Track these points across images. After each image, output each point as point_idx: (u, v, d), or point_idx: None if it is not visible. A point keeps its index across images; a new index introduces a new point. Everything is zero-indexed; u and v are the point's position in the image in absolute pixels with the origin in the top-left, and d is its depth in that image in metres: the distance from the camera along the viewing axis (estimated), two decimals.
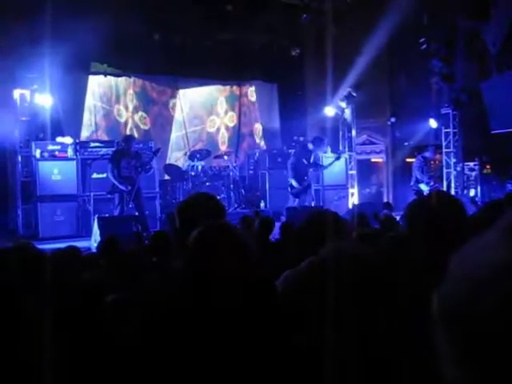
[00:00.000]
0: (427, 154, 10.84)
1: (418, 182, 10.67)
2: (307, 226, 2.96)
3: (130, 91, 12.88)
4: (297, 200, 9.91)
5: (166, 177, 11.85)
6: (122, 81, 12.71)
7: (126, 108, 12.82)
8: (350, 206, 11.40)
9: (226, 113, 14.24)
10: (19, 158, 10.08)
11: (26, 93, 10.12)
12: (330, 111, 13.07)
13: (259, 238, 4.72)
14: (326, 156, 11.63)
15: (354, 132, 13.40)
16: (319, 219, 2.95)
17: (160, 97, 13.34)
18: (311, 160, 10.09)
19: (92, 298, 2.45)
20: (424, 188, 10.55)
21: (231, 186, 11.94)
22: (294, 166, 9.88)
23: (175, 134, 13.49)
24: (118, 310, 2.25)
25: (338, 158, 10.96)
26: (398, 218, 6.32)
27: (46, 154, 9.99)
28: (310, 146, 10.13)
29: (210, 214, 2.36)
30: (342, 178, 12.54)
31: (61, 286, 2.29)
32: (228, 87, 14.21)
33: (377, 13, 11.52)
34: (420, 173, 10.57)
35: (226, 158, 12.61)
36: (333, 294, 1.15)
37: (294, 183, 9.88)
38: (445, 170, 12.61)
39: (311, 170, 10.16)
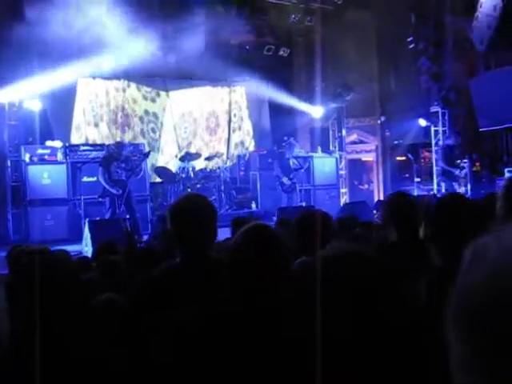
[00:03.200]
0: (450, 141, 10.86)
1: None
2: (299, 226, 2.97)
3: (120, 93, 12.82)
4: (287, 196, 10.73)
5: (157, 179, 11.81)
6: (111, 83, 12.65)
7: (116, 110, 12.76)
8: (341, 206, 11.44)
9: (215, 114, 14.22)
10: (8, 163, 10.01)
11: None
12: (319, 111, 13.09)
13: None
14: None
15: (344, 131, 13.44)
16: (310, 219, 2.97)
17: (150, 99, 13.29)
18: (291, 161, 10.92)
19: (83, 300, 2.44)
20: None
21: (222, 187, 11.92)
22: (280, 166, 10.81)
23: (165, 137, 13.45)
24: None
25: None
26: None
27: (35, 158, 9.93)
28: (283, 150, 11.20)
29: (201, 217, 2.36)
30: (332, 177, 12.60)
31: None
32: (218, 88, 14.19)
33: (365, 12, 11.56)
34: (442, 162, 10.67)
35: (216, 159, 12.61)
36: (328, 292, 1.15)
37: (285, 180, 10.65)
38: (435, 168, 12.66)
39: (295, 171, 10.88)
